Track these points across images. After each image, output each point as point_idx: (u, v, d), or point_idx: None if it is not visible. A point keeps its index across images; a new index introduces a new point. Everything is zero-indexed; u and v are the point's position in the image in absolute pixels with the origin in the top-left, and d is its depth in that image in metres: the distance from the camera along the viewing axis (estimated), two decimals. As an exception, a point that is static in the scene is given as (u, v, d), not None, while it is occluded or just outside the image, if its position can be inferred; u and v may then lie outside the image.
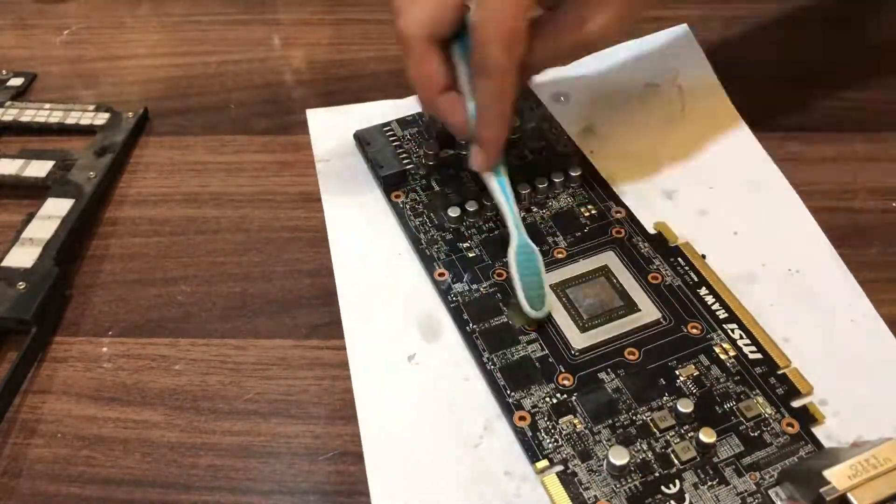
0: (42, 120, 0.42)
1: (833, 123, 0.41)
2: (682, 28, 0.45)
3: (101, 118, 0.42)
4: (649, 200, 0.36)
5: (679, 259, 0.33)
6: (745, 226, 0.35)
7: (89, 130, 0.42)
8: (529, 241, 0.32)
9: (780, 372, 0.29)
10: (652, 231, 0.35)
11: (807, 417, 0.28)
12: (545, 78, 0.38)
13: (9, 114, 0.43)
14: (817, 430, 0.28)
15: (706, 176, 0.37)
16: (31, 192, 0.38)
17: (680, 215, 0.35)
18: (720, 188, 0.37)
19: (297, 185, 0.39)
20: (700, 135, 0.39)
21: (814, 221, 0.35)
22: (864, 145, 0.40)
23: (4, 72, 0.46)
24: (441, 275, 0.33)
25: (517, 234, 0.32)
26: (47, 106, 0.43)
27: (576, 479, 0.27)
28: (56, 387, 0.32)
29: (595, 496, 0.26)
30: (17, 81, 0.45)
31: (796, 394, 0.29)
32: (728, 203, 0.36)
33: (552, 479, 0.27)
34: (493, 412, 0.29)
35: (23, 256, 0.35)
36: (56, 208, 0.37)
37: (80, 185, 0.38)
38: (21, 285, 0.33)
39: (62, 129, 0.42)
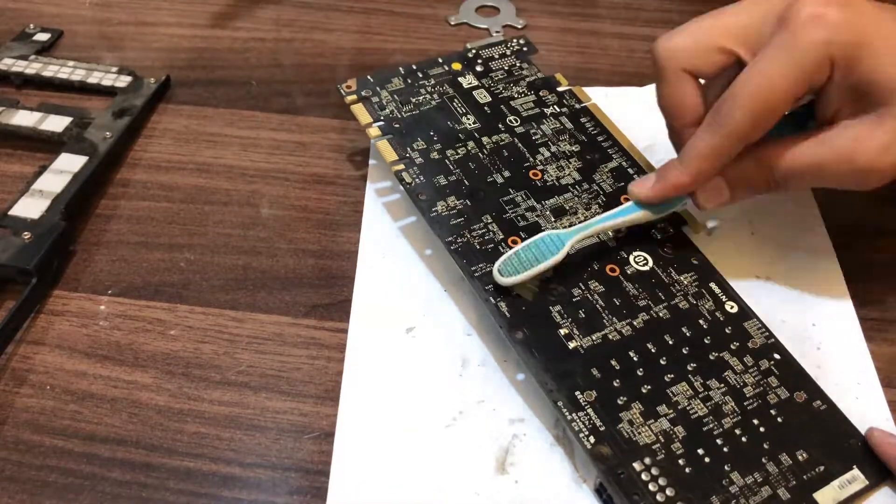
0: (64, 77, 0.42)
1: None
2: None
3: (123, 81, 0.42)
4: None
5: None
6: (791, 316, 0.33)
7: (110, 92, 0.42)
8: (567, 248, 0.31)
9: None
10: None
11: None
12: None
13: (32, 67, 0.43)
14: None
15: (761, 263, 0.35)
16: (46, 146, 0.38)
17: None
18: (777, 279, 0.34)
19: (310, 166, 0.39)
20: (780, 238, 0.36)
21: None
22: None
23: (32, 26, 0.46)
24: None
25: (574, 232, 0.31)
26: (70, 64, 0.43)
27: None
28: (50, 339, 0.32)
29: None
30: (43, 37, 0.46)
31: None
32: (779, 297, 0.34)
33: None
34: (472, 399, 0.29)
35: (31, 207, 0.35)
36: (69, 164, 0.37)
37: (96, 143, 0.38)
38: (26, 235, 0.33)
39: (83, 88, 0.42)
